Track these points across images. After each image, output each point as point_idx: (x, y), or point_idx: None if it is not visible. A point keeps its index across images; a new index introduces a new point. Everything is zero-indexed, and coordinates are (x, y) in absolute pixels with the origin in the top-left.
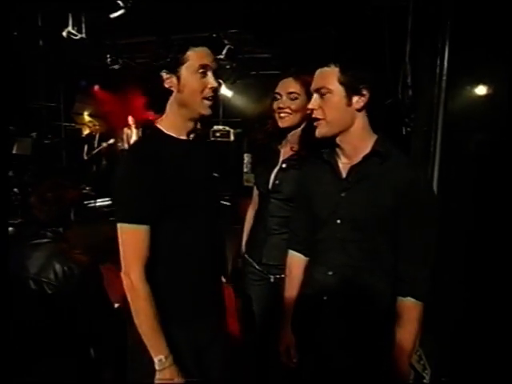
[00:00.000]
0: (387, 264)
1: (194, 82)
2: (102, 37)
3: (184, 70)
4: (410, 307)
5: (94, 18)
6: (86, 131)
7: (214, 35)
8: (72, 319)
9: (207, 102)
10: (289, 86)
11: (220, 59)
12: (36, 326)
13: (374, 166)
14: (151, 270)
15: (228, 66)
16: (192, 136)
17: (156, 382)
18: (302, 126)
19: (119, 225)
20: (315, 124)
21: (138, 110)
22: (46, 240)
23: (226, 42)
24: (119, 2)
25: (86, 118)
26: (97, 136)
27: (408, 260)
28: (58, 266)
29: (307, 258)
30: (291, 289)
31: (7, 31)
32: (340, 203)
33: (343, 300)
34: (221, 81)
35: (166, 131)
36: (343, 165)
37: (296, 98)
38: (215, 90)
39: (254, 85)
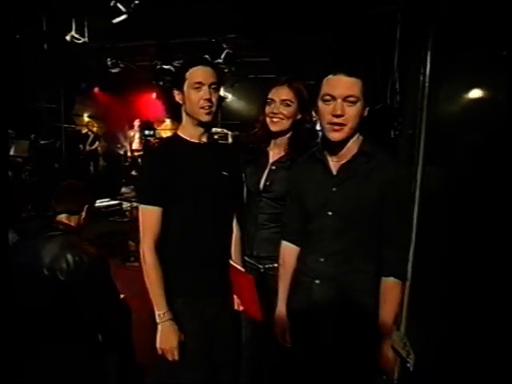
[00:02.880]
0: (372, 250)
1: (192, 95)
2: (104, 40)
3: (185, 87)
4: (392, 286)
5: (97, 23)
6: (83, 131)
7: (213, 40)
8: (82, 306)
9: (203, 111)
10: (283, 93)
11: (219, 63)
12: (49, 311)
13: (361, 164)
14: (164, 245)
15: (226, 70)
16: (204, 140)
17: (157, 335)
18: (291, 132)
19: (139, 206)
20: (336, 128)
21: (138, 112)
22: (58, 233)
23: (224, 46)
24: (121, 7)
25: (86, 119)
26: (90, 138)
27: (390, 245)
28: (69, 256)
29: (299, 248)
30: (285, 276)
31: (7, 35)
32: (331, 197)
33: (334, 283)
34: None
35: (181, 135)
36: (334, 163)
37: (289, 105)
38: (210, 100)
39: (252, 88)
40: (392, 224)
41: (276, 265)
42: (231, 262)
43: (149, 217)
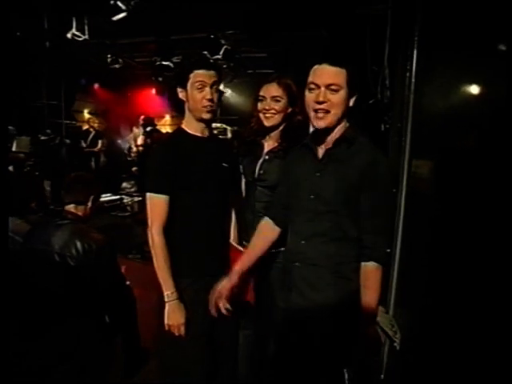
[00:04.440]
0: (351, 234)
1: (195, 95)
2: (104, 37)
3: (189, 86)
4: (372, 270)
5: (97, 20)
6: (85, 127)
7: (212, 36)
8: (90, 288)
9: (205, 109)
10: (272, 90)
11: (217, 59)
12: (60, 293)
13: (342, 149)
14: (169, 230)
15: (225, 66)
16: (206, 133)
17: (165, 312)
18: (283, 124)
19: (147, 194)
20: (320, 115)
21: (137, 108)
22: (67, 221)
23: (223, 42)
24: (121, 5)
25: (86, 115)
26: (91, 135)
27: (369, 229)
28: (78, 243)
29: (277, 228)
30: (255, 246)
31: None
32: (315, 182)
33: (313, 265)
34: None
35: (186, 129)
36: (321, 149)
37: (279, 101)
38: (211, 100)
39: (250, 83)
40: (370, 208)
41: (273, 251)
42: (232, 243)
43: (157, 204)
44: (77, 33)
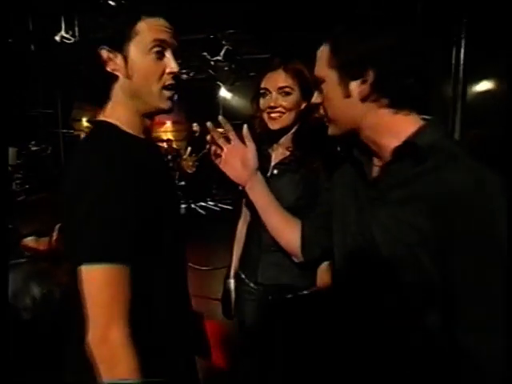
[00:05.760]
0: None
1: (148, 65)
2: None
3: (133, 48)
4: None
5: (87, 22)
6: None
7: (212, 36)
8: (54, 343)
9: (167, 93)
10: (279, 80)
11: (218, 60)
12: (16, 353)
13: (406, 167)
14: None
15: (226, 68)
16: (148, 135)
17: None
18: (296, 126)
19: (85, 267)
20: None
21: None
22: (23, 260)
23: (224, 42)
24: (112, 3)
25: (85, 124)
26: None
27: (462, 320)
28: (35, 290)
29: (300, 256)
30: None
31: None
32: (362, 216)
33: None
34: (219, 83)
35: (124, 128)
36: (375, 166)
37: (289, 94)
38: (176, 77)
39: (253, 86)
40: (459, 284)
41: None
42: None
43: (116, 283)
44: (66, 35)
